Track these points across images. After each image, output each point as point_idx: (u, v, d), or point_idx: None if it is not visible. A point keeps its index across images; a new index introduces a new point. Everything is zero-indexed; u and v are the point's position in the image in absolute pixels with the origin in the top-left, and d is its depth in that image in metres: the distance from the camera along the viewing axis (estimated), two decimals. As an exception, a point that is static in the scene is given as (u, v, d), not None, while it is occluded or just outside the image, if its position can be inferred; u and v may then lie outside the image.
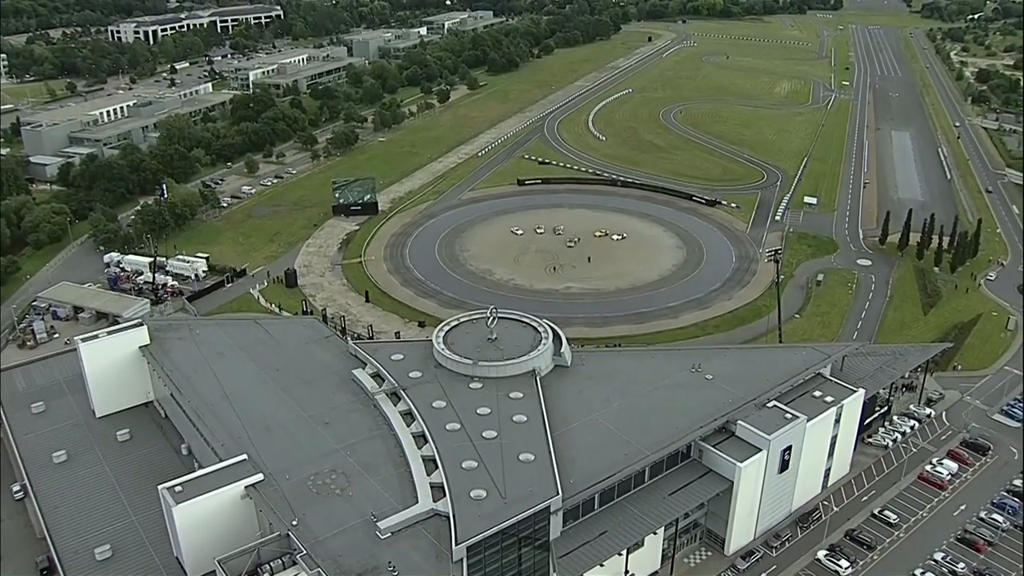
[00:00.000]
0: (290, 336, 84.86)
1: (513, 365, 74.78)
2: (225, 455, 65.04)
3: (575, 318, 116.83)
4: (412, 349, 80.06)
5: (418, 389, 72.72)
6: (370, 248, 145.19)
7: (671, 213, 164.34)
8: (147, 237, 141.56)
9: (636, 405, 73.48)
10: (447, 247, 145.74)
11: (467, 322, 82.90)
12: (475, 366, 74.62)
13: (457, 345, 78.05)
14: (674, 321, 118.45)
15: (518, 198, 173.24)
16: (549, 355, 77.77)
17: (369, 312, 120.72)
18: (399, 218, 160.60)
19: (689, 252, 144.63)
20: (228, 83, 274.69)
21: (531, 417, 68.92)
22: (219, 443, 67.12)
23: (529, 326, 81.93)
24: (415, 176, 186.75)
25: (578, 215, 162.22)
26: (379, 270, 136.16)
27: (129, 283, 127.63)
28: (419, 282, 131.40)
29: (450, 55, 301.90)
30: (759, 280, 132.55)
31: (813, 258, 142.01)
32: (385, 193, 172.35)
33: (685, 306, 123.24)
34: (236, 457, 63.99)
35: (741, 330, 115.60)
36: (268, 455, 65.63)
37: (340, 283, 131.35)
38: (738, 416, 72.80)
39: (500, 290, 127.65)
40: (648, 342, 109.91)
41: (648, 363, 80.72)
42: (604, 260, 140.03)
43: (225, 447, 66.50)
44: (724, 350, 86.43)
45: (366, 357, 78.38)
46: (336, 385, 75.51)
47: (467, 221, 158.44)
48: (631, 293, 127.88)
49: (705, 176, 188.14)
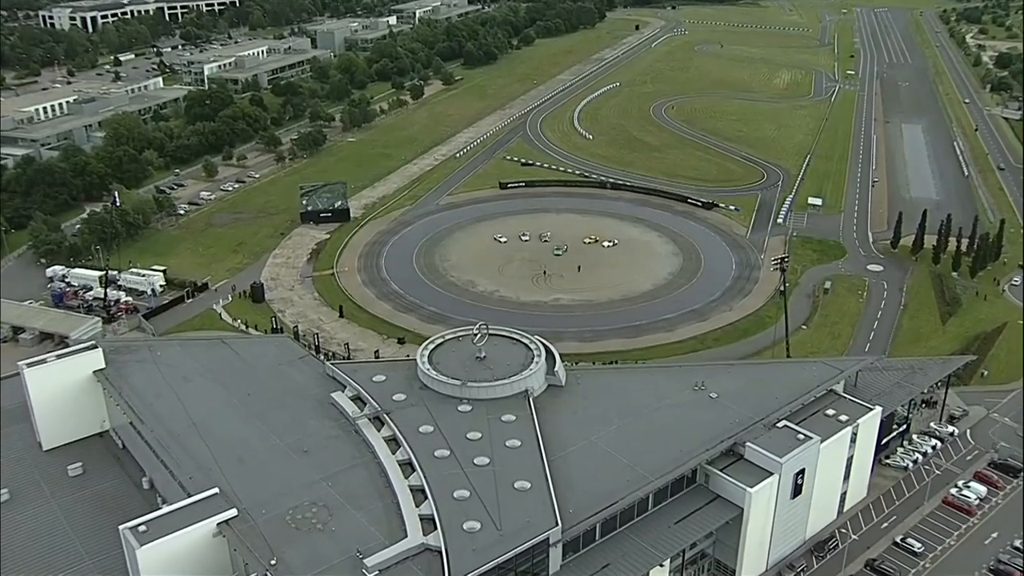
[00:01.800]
0: (261, 357, 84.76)
1: (504, 386, 75.27)
2: (194, 489, 64.73)
3: (565, 332, 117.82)
4: (394, 369, 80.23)
5: (403, 413, 72.98)
6: (343, 259, 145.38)
7: (665, 217, 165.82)
8: (96, 248, 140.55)
9: (637, 427, 74.15)
10: (426, 257, 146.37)
11: (453, 339, 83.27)
12: (464, 387, 75.01)
13: (443, 365, 78.42)
14: (671, 334, 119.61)
15: (500, 202, 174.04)
16: (542, 374, 78.34)
17: (344, 328, 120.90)
18: (373, 225, 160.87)
19: (686, 259, 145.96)
20: (180, 78, 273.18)
21: (525, 441, 69.39)
22: (186, 476, 66.77)
23: (520, 343, 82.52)
24: (389, 180, 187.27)
25: (566, 220, 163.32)
26: (353, 282, 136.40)
27: (77, 299, 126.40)
28: (397, 295, 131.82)
29: (423, 47, 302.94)
30: (762, 289, 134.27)
31: (819, 264, 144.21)
32: (357, 198, 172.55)
33: (682, 318, 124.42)
34: (206, 491, 63.75)
35: (743, 343, 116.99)
36: (241, 488, 65.45)
37: (311, 297, 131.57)
38: (746, 437, 73.61)
39: (484, 303, 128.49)
40: (643, 357, 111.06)
41: (648, 381, 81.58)
42: (595, 269, 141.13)
43: (193, 480, 66.19)
44: (729, 366, 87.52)
45: (345, 379, 78.48)
46: (313, 410, 75.54)
47: (446, 228, 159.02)
48: (624, 304, 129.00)
49: (701, 176, 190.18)
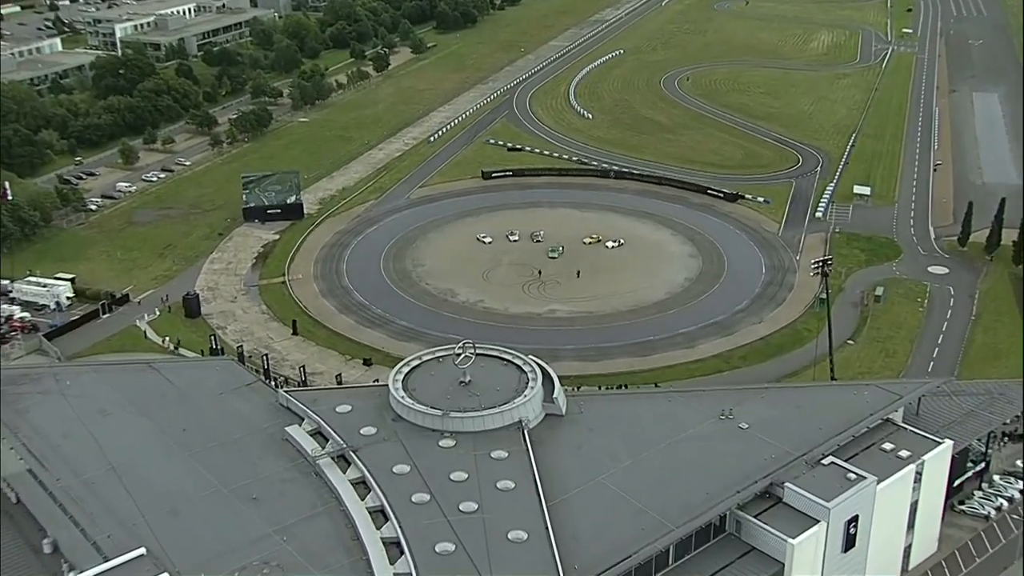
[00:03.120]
0: (198, 384, 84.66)
1: (494, 416, 75.60)
2: (113, 550, 63.53)
3: (564, 350, 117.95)
4: (362, 397, 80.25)
5: (373, 450, 73.03)
6: (295, 264, 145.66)
7: (681, 211, 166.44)
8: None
9: (652, 464, 74.52)
10: (396, 261, 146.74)
11: (432, 361, 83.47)
12: (446, 418, 75.17)
13: (421, 391, 78.58)
14: (690, 352, 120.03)
15: (483, 196, 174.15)
16: (539, 401, 78.70)
17: (299, 348, 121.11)
18: (331, 224, 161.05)
19: (706, 262, 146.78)
20: (84, 39, 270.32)
21: (520, 483, 69.59)
22: (104, 534, 65.87)
23: (511, 364, 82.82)
24: (350, 169, 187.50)
25: (562, 216, 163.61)
26: (308, 292, 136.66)
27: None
28: (361, 307, 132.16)
29: (387, 7, 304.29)
30: (798, 296, 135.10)
31: (868, 266, 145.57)
32: (311, 191, 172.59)
33: (703, 332, 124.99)
34: (129, 552, 62.83)
35: (777, 362, 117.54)
36: (175, 546, 64.81)
37: (258, 310, 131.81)
38: (785, 477, 73.77)
39: (466, 315, 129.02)
40: (658, 380, 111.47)
41: (664, 409, 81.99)
42: (597, 274, 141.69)
43: (113, 539, 65.23)
44: (761, 390, 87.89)
45: (302, 409, 78.43)
46: (264, 448, 75.53)
47: (419, 227, 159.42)
48: (633, 316, 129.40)
49: (723, 162, 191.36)
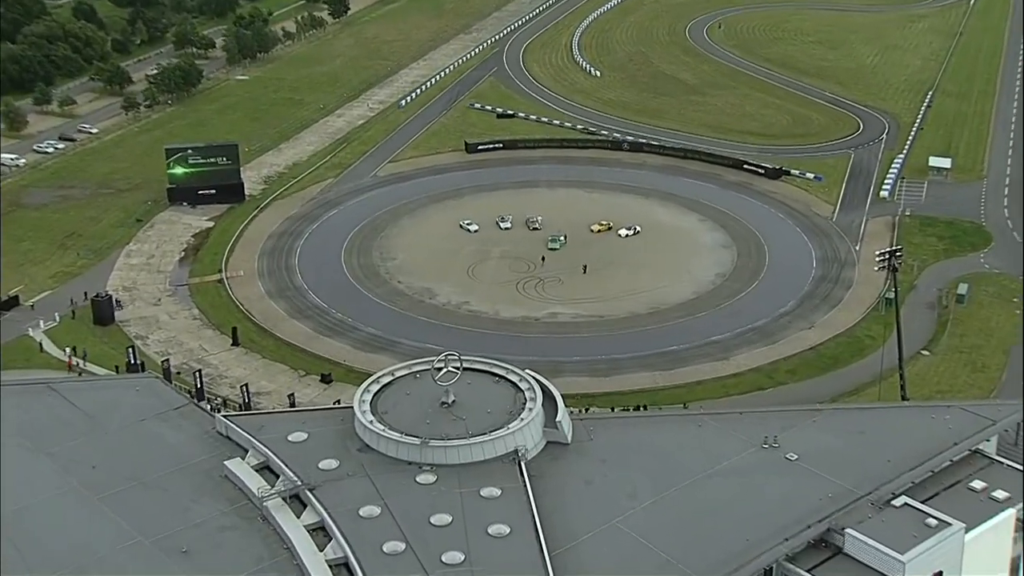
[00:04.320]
0: (112, 409, 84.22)
1: (484, 444, 75.62)
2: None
3: (567, 363, 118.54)
4: (320, 422, 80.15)
5: (335, 488, 72.78)
6: (236, 258, 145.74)
7: (711, 192, 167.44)
8: None
9: (680, 504, 74.51)
10: (361, 254, 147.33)
11: (407, 377, 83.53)
12: (424, 447, 75.12)
13: (394, 414, 78.61)
14: (723, 365, 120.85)
15: (468, 173, 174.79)
16: (539, 426, 78.72)
17: (240, 362, 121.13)
18: (280, 208, 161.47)
19: (742, 253, 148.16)
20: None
21: (516, 527, 69.53)
22: (-14, 602, 66.06)
23: (504, 381, 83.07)
24: (301, 140, 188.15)
25: (564, 198, 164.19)
26: (252, 293, 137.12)
27: None
28: (318, 311, 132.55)
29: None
30: (858, 296, 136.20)
31: (948, 257, 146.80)
32: (254, 167, 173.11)
33: (740, 340, 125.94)
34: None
35: (833, 378, 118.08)
36: (83, 614, 64.77)
37: (188, 315, 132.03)
38: (846, 521, 73.24)
39: (448, 320, 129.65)
40: (684, 399, 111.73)
41: (693, 436, 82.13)
42: (608, 270, 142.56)
43: (0, 607, 65.47)
44: (813, 413, 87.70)
45: (245, 439, 78.21)
46: (197, 488, 75.06)
47: (389, 211, 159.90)
48: (653, 321, 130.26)
49: (763, 130, 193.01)
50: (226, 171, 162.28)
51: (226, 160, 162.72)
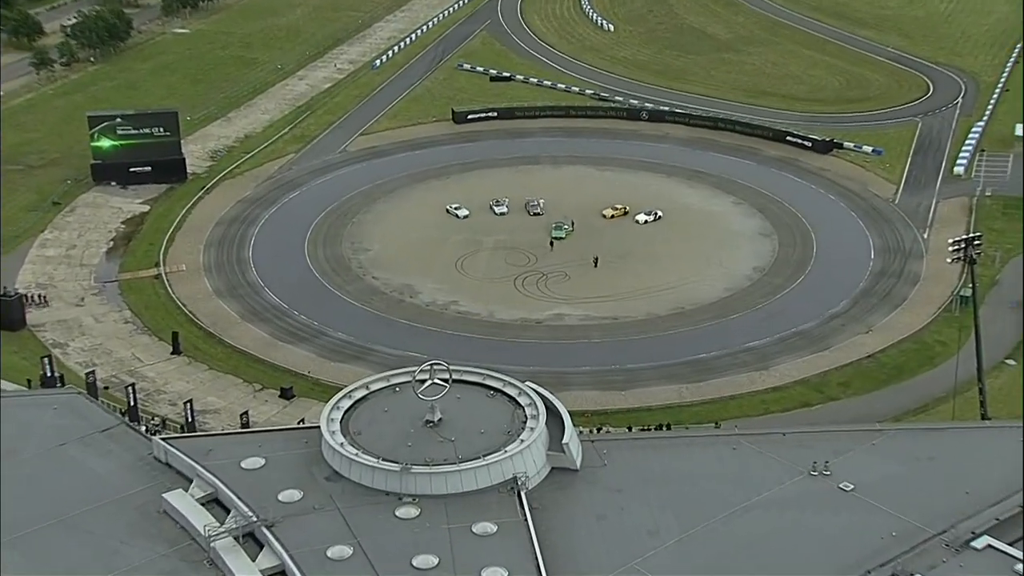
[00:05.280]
0: (26, 431, 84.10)
1: (477, 471, 75.72)
2: None
3: (575, 374, 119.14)
4: (281, 446, 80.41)
5: (298, 525, 72.72)
6: (176, 249, 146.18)
7: (747, 169, 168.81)
8: None
9: (710, 544, 74.49)
10: (328, 244, 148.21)
11: (384, 391, 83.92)
12: (405, 474, 75.14)
13: (369, 436, 78.78)
14: (762, 376, 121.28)
15: (455, 147, 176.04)
16: (542, 449, 79.09)
17: (183, 374, 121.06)
18: (230, 189, 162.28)
19: (784, 243, 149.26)
20: None
21: (515, 571, 69.35)
22: None
23: (500, 395, 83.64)
24: (255, 107, 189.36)
25: (570, 178, 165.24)
26: (197, 291, 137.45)
27: None
28: (277, 312, 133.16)
29: None
30: (926, 293, 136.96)
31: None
32: (197, 139, 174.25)
33: (782, 347, 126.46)
34: None
35: (895, 392, 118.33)
36: None
37: (119, 318, 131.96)
38: (916, 566, 72.95)
39: (432, 323, 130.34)
40: (716, 417, 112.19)
41: (728, 461, 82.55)
42: (623, 263, 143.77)
43: None
44: (872, 434, 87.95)
45: (189, 466, 78.22)
46: (131, 525, 74.75)
47: (362, 193, 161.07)
48: (678, 324, 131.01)
49: (810, 94, 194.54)
50: (163, 144, 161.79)
51: (163, 131, 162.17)
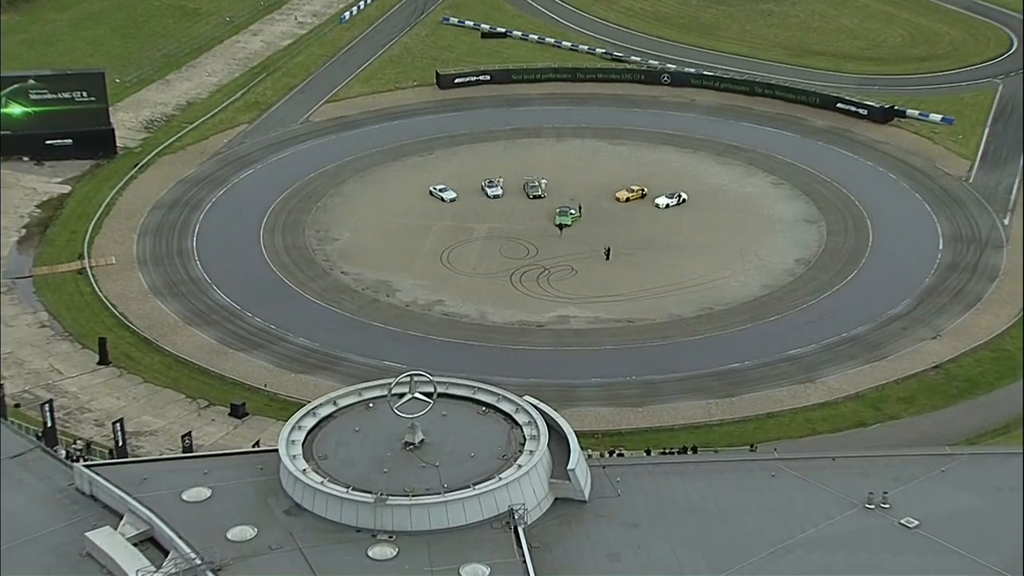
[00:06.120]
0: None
1: (466, 502, 75.51)
2: None
3: (582, 387, 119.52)
4: (231, 473, 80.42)
5: (251, 568, 72.69)
6: (104, 239, 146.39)
7: (789, 142, 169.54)
8: None
9: (750, 589, 75.51)
10: (288, 233, 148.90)
11: (356, 405, 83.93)
12: (380, 507, 74.85)
13: (337, 461, 78.67)
14: (807, 390, 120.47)
15: (441, 117, 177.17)
16: (543, 476, 79.25)
17: (112, 388, 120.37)
18: (169, 166, 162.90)
19: (834, 231, 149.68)
20: None
21: (512, 623, 70.15)
22: None
23: (495, 412, 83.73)
24: (199, 67, 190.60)
25: (577, 154, 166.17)
26: (129, 288, 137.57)
27: None
28: (227, 314, 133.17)
29: None
30: (1006, 290, 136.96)
31: None
32: (130, 106, 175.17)
33: (830, 355, 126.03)
34: None
35: (968, 410, 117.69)
36: None
37: (33, 321, 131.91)
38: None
39: (413, 327, 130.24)
40: (752, 439, 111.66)
41: (765, 492, 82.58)
42: (641, 255, 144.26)
43: None
44: (941, 460, 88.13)
45: (119, 498, 78.05)
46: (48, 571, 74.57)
47: (329, 173, 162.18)
48: (706, 328, 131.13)
49: (868, 51, 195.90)
50: (88, 112, 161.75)
51: (87, 96, 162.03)
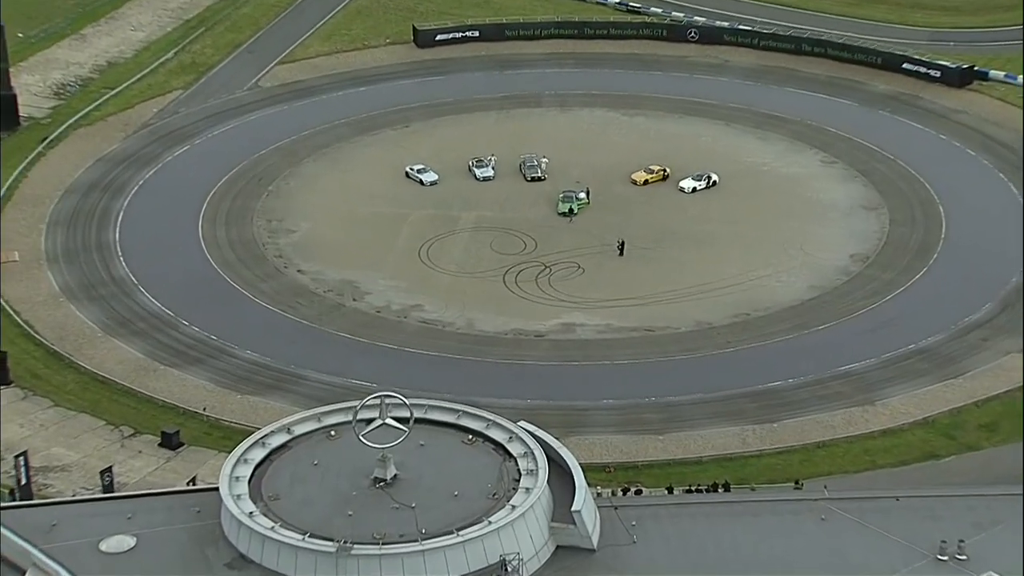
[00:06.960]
0: None
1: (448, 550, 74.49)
2: None
3: (591, 411, 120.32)
4: (161, 517, 79.75)
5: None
6: (6, 230, 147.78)
7: (843, 111, 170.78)
8: None
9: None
10: (233, 222, 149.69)
11: (316, 434, 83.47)
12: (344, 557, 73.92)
13: (292, 501, 78.10)
14: (865, 415, 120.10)
15: (419, 82, 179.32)
16: (543, 519, 78.85)
17: (15, 413, 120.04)
18: (86, 141, 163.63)
19: (898, 220, 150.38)
20: None
21: None
22: None
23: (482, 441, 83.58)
24: (121, 19, 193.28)
25: (585, 127, 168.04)
26: (36, 290, 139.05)
27: None
28: (158, 322, 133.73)
29: None
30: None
31: None
32: (36, 67, 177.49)
33: (894, 372, 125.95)
34: None
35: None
36: None
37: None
38: None
39: (385, 337, 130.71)
40: (797, 475, 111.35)
41: (813, 538, 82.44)
42: (661, 249, 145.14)
43: None
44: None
45: (21, 549, 77.24)
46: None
47: (284, 149, 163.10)
48: (740, 339, 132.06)
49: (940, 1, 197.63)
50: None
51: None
